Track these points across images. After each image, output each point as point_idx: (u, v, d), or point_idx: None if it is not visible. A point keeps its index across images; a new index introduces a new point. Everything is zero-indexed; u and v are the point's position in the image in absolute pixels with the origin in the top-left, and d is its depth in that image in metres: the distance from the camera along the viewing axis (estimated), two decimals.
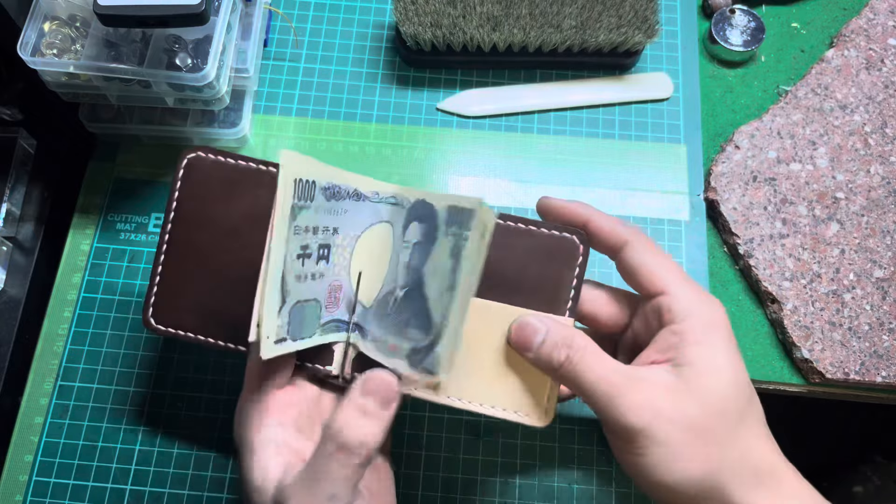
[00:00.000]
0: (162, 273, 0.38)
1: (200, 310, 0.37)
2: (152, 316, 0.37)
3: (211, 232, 0.37)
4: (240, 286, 0.36)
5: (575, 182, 0.52)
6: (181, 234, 0.37)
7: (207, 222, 0.37)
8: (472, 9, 0.50)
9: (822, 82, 0.55)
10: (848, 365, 0.47)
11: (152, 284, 0.38)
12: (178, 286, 0.37)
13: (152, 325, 0.37)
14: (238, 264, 0.36)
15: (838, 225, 0.51)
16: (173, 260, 0.37)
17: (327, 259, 0.35)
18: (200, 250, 0.37)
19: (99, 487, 0.45)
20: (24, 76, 0.48)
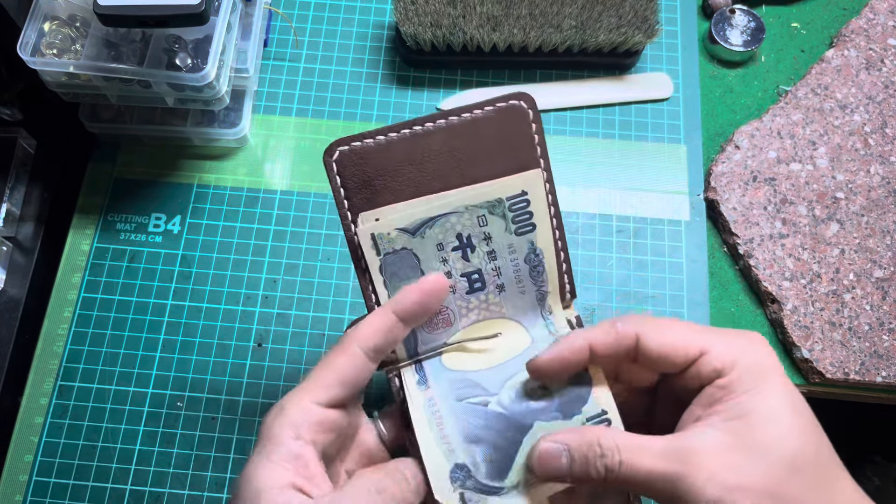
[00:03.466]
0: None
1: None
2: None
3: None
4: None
5: (575, 182, 0.52)
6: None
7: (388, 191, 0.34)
8: (472, 9, 0.50)
9: (822, 82, 0.55)
10: (848, 365, 0.47)
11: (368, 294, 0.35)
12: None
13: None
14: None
15: (838, 225, 0.51)
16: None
17: (472, 290, 0.34)
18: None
19: (99, 487, 0.45)
20: (24, 76, 0.48)
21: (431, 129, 0.33)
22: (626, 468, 0.29)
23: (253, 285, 0.49)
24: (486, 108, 0.34)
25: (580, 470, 0.30)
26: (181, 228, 0.51)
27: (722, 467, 0.27)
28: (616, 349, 0.31)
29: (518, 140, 0.34)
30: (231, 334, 0.48)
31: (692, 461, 0.28)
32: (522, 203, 0.32)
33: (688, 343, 0.30)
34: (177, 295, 0.49)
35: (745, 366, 0.29)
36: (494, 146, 0.34)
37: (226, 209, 0.51)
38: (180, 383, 0.47)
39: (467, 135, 0.33)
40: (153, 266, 0.49)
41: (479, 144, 0.34)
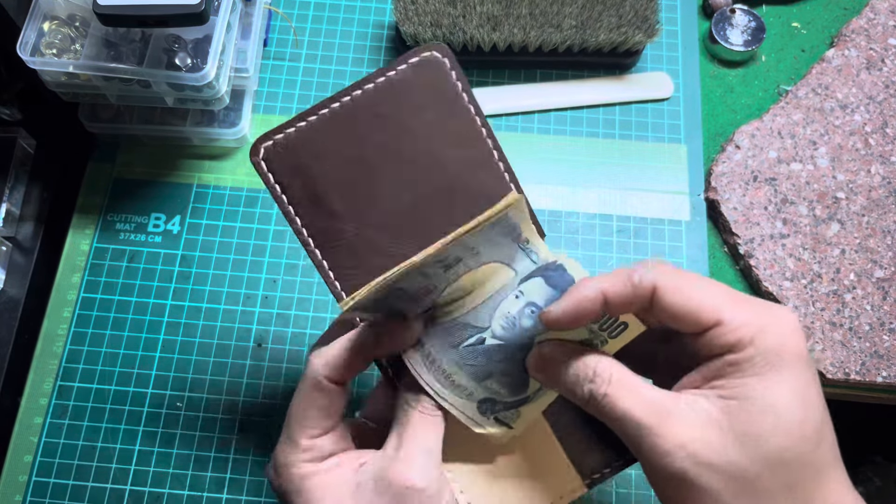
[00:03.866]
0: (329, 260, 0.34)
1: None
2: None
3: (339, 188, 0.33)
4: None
5: (575, 182, 0.52)
6: (311, 213, 0.33)
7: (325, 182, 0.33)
8: (472, 8, 0.50)
9: (822, 82, 0.55)
10: (848, 365, 0.47)
11: (330, 280, 0.34)
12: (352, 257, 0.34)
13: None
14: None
15: (839, 225, 0.50)
16: (324, 240, 0.33)
17: (447, 268, 0.32)
18: (336, 213, 0.33)
19: (98, 488, 0.45)
20: (23, 76, 0.48)
21: (350, 103, 0.32)
22: (606, 401, 0.28)
23: (253, 285, 0.49)
24: (399, 67, 0.32)
25: (568, 384, 0.29)
26: (181, 228, 0.50)
27: (697, 440, 0.26)
28: (631, 301, 0.29)
29: (443, 94, 0.33)
30: (231, 334, 0.48)
31: (669, 422, 0.27)
32: (506, 219, 0.31)
33: (704, 309, 0.28)
34: (176, 295, 0.49)
35: (760, 347, 0.27)
36: (420, 104, 0.32)
37: (225, 209, 0.51)
38: (180, 383, 0.47)
39: (389, 98, 0.32)
40: (153, 266, 0.49)
41: (404, 105, 0.32)
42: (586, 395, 0.29)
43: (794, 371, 0.27)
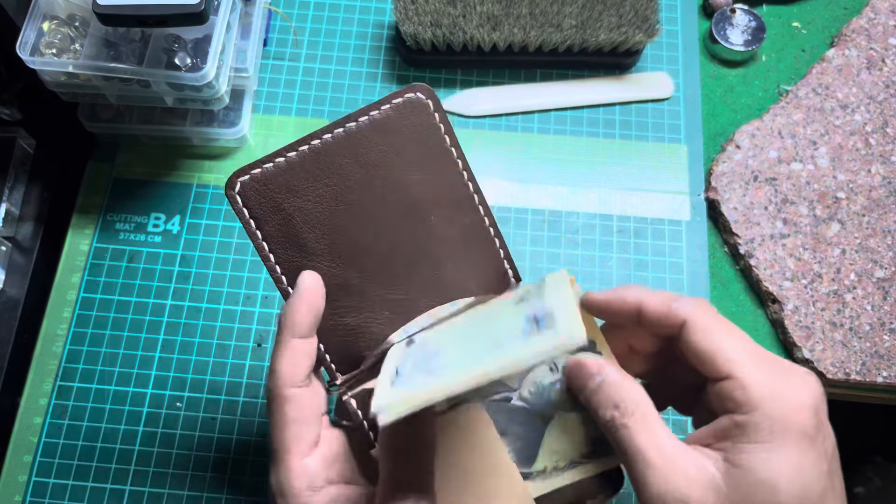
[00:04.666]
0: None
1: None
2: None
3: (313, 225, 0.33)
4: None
5: (575, 182, 0.52)
6: (286, 250, 0.32)
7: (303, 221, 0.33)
8: (472, 8, 0.50)
9: (822, 82, 0.54)
10: (849, 365, 0.47)
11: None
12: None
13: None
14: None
15: (839, 225, 0.50)
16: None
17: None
18: (307, 247, 0.33)
19: (98, 488, 0.45)
20: (23, 76, 0.48)
21: (330, 140, 0.32)
22: (625, 432, 0.29)
23: (252, 285, 0.49)
24: (382, 106, 0.32)
25: (595, 403, 0.30)
26: (180, 228, 0.50)
27: (695, 499, 0.27)
28: (661, 322, 0.30)
29: (425, 135, 0.32)
30: (230, 334, 0.48)
31: (675, 474, 0.28)
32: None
33: (722, 357, 0.29)
34: (176, 295, 0.49)
35: (767, 413, 0.27)
36: (401, 145, 0.32)
37: (225, 209, 0.51)
38: (179, 384, 0.47)
39: (370, 139, 0.32)
40: (152, 266, 0.49)
41: (385, 146, 0.32)
42: (608, 418, 0.30)
43: (799, 446, 0.27)
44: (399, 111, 0.32)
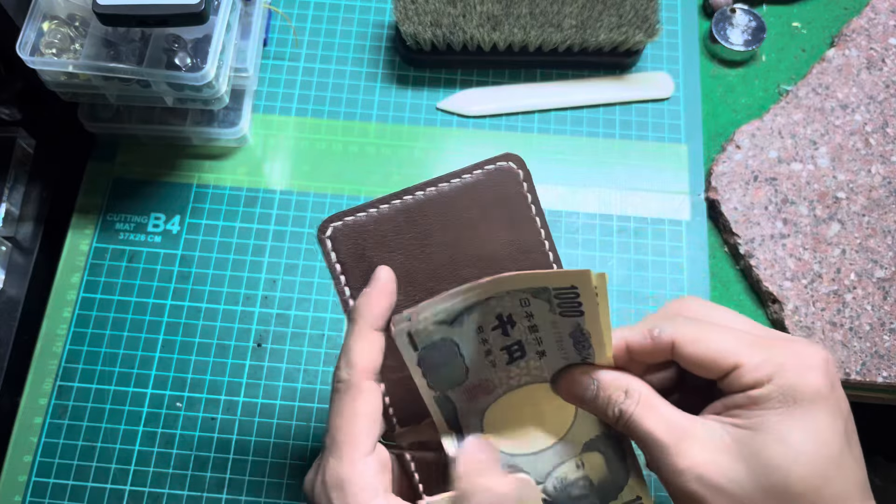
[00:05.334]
0: None
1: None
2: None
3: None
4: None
5: (575, 182, 0.52)
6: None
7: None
8: (472, 8, 0.50)
9: (823, 82, 0.54)
10: (849, 365, 0.47)
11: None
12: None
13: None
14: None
15: (839, 225, 0.50)
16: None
17: (511, 361, 0.32)
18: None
19: (98, 488, 0.45)
20: (23, 76, 0.48)
21: (422, 198, 0.33)
22: (633, 419, 0.29)
23: (252, 285, 0.49)
24: (475, 171, 0.33)
25: (601, 405, 0.31)
26: (180, 228, 0.50)
27: (709, 462, 0.28)
28: (652, 353, 0.31)
29: (512, 202, 0.34)
30: (230, 334, 0.48)
31: (685, 443, 0.28)
32: (571, 295, 0.30)
33: (723, 355, 0.29)
34: (176, 295, 0.49)
35: (778, 384, 0.28)
36: (488, 209, 0.33)
37: (225, 209, 0.51)
38: (179, 384, 0.47)
39: (460, 199, 0.33)
40: (152, 266, 0.49)
41: (472, 208, 0.33)
42: (617, 413, 0.30)
43: (813, 407, 0.27)
44: (489, 176, 0.33)
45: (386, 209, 0.33)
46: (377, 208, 0.33)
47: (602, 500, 0.33)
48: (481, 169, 0.34)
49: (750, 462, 0.27)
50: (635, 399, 0.30)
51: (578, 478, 0.33)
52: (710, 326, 0.30)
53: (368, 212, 0.33)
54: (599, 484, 0.33)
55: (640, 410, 0.29)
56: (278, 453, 0.45)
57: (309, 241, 0.50)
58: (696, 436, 0.28)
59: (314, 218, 0.51)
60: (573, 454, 0.33)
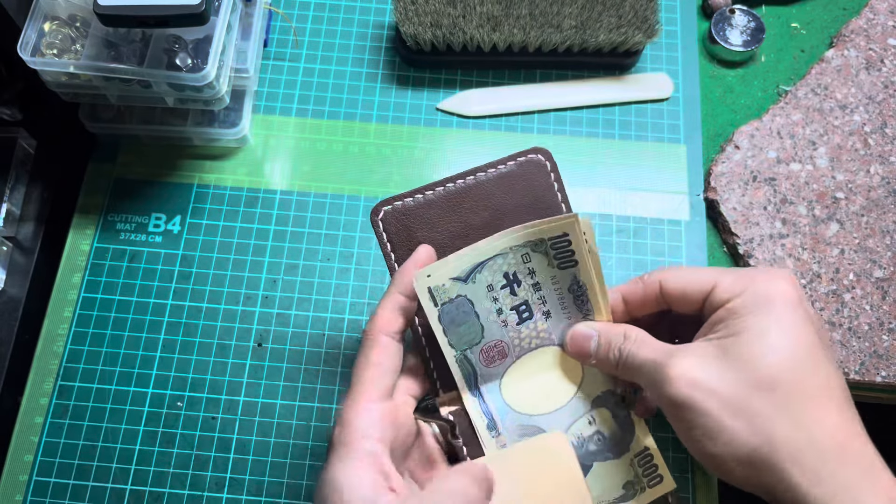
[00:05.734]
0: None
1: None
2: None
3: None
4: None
5: (575, 182, 0.52)
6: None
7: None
8: (472, 9, 0.50)
9: (821, 82, 0.55)
10: (848, 365, 0.47)
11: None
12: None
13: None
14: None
15: (838, 225, 0.51)
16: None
17: (521, 321, 0.37)
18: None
19: (99, 487, 0.45)
20: (24, 76, 0.48)
21: (463, 185, 0.38)
22: (632, 354, 0.34)
23: (253, 285, 0.49)
24: (508, 162, 0.38)
25: (603, 351, 0.35)
26: (181, 228, 0.51)
27: (696, 368, 0.31)
28: (644, 298, 0.35)
29: (540, 190, 0.38)
30: (231, 334, 0.48)
31: (674, 358, 0.31)
32: (564, 243, 0.35)
33: (702, 280, 0.33)
34: (177, 295, 0.49)
35: (752, 292, 0.31)
36: (520, 196, 0.38)
37: (226, 209, 0.51)
38: (180, 383, 0.47)
39: (495, 187, 0.38)
40: (153, 266, 0.49)
41: (506, 195, 0.38)
42: (617, 354, 0.34)
43: (786, 310, 0.31)
44: (521, 167, 0.38)
45: (431, 195, 0.38)
46: (423, 194, 0.38)
47: (616, 453, 0.37)
48: (514, 161, 0.38)
49: (734, 362, 0.30)
50: (632, 338, 0.34)
51: (593, 433, 0.37)
52: (689, 267, 0.35)
53: (415, 197, 0.38)
54: (611, 437, 0.37)
55: (635, 347, 0.34)
56: (279, 452, 0.46)
57: (309, 241, 0.50)
58: (685, 352, 0.32)
59: (314, 218, 0.51)
60: (584, 411, 0.38)
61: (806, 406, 0.29)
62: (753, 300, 0.31)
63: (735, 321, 0.31)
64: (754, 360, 0.30)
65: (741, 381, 0.30)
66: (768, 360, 0.30)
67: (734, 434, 0.29)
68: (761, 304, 0.31)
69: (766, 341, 0.30)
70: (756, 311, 0.31)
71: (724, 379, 0.30)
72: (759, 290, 0.31)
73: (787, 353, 0.30)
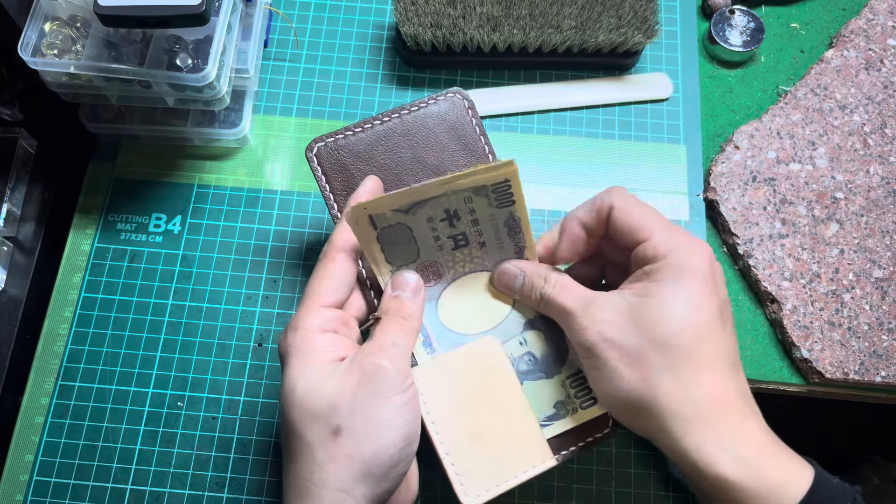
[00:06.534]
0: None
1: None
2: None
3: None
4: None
5: (575, 182, 0.52)
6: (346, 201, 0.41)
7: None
8: (472, 9, 0.50)
9: (821, 83, 0.55)
10: (847, 365, 0.47)
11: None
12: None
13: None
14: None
15: (838, 225, 0.51)
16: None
17: (456, 247, 0.39)
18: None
19: (99, 487, 0.45)
20: (24, 76, 0.48)
21: (390, 123, 0.42)
22: (551, 298, 0.37)
23: (253, 285, 0.49)
24: (429, 101, 0.43)
25: (526, 290, 0.39)
26: (181, 228, 0.51)
27: (605, 322, 0.35)
28: (598, 219, 0.38)
29: (460, 125, 0.43)
30: (232, 334, 0.48)
31: (588, 309, 0.36)
32: (505, 188, 0.37)
33: (641, 227, 0.36)
34: (177, 295, 0.49)
35: (672, 260, 0.35)
36: (442, 131, 0.43)
37: (226, 209, 0.51)
38: (181, 383, 0.47)
39: (420, 124, 0.42)
40: (154, 266, 0.50)
41: (430, 131, 0.42)
42: (538, 296, 0.38)
43: (693, 283, 0.34)
44: (441, 106, 0.43)
45: (360, 132, 0.42)
46: (353, 131, 0.42)
47: (548, 373, 0.40)
48: (434, 100, 0.43)
49: (637, 321, 0.34)
50: (552, 283, 0.38)
51: (523, 353, 0.40)
52: (641, 204, 0.37)
53: (346, 134, 0.42)
54: (542, 358, 0.40)
55: (556, 291, 0.37)
56: (279, 452, 0.46)
57: (310, 241, 0.50)
58: (599, 303, 0.36)
59: (315, 218, 0.51)
60: (516, 333, 0.40)
61: (691, 368, 0.33)
62: (669, 269, 0.34)
63: (649, 284, 0.35)
64: (655, 323, 0.34)
65: (641, 339, 0.34)
66: (667, 326, 0.33)
67: (626, 381, 0.34)
68: (674, 274, 0.34)
69: (670, 309, 0.34)
70: (670, 279, 0.34)
71: (627, 335, 0.34)
72: (676, 260, 0.34)
73: (684, 322, 0.34)
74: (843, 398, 0.51)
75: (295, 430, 0.33)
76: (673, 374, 0.33)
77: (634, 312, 0.34)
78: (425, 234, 0.38)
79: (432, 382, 0.38)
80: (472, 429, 0.38)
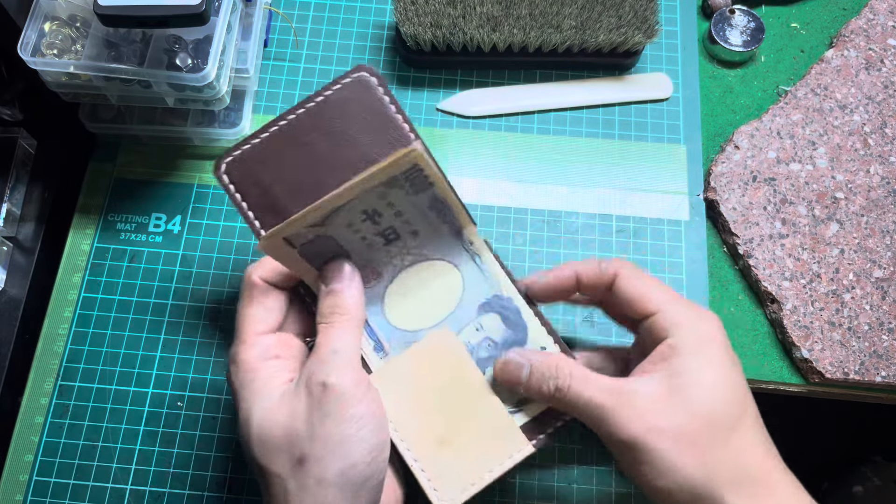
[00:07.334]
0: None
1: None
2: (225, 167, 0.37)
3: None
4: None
5: (575, 182, 0.52)
6: (267, 215, 0.37)
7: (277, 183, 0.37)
8: (472, 9, 0.50)
9: (821, 82, 0.55)
10: (847, 365, 0.47)
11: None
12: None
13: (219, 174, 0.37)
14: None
15: (838, 225, 0.51)
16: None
17: (388, 242, 0.37)
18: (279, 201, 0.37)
19: (99, 487, 0.45)
20: (24, 76, 0.48)
21: (296, 119, 0.37)
22: (571, 392, 0.35)
23: None
24: (334, 87, 0.37)
25: (535, 384, 0.36)
26: (181, 228, 0.51)
27: (649, 410, 0.33)
28: (597, 282, 0.37)
29: (374, 107, 0.37)
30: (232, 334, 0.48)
31: (626, 399, 0.33)
32: (416, 173, 0.35)
33: (648, 299, 0.36)
34: (177, 295, 0.49)
35: (689, 331, 0.34)
36: (356, 116, 0.37)
37: (226, 209, 0.51)
38: (181, 383, 0.47)
39: (329, 113, 0.37)
40: (153, 266, 0.50)
41: (342, 118, 0.37)
42: (552, 390, 0.35)
43: (718, 354, 0.34)
44: (349, 88, 0.37)
45: (266, 136, 0.37)
46: (259, 138, 0.37)
47: None
48: (340, 84, 0.37)
49: (679, 403, 0.33)
50: (567, 373, 0.35)
51: (481, 339, 0.38)
52: (645, 275, 0.37)
53: (252, 142, 0.37)
54: (503, 341, 0.38)
55: (577, 384, 0.35)
56: None
57: None
58: (634, 392, 0.34)
59: None
60: (471, 319, 0.38)
61: (740, 439, 0.33)
62: (695, 341, 0.34)
63: (679, 360, 0.34)
64: (696, 401, 0.33)
65: (687, 420, 0.33)
66: (709, 402, 0.33)
67: (683, 469, 0.32)
68: (702, 345, 0.34)
69: (707, 384, 0.33)
70: (697, 352, 0.34)
71: (674, 419, 0.33)
72: (698, 331, 0.34)
73: (724, 395, 0.33)
74: (844, 398, 0.51)
75: (261, 465, 0.33)
76: (725, 450, 0.33)
77: (673, 394, 0.33)
78: (350, 238, 0.36)
79: (389, 388, 0.36)
80: (439, 430, 0.36)
